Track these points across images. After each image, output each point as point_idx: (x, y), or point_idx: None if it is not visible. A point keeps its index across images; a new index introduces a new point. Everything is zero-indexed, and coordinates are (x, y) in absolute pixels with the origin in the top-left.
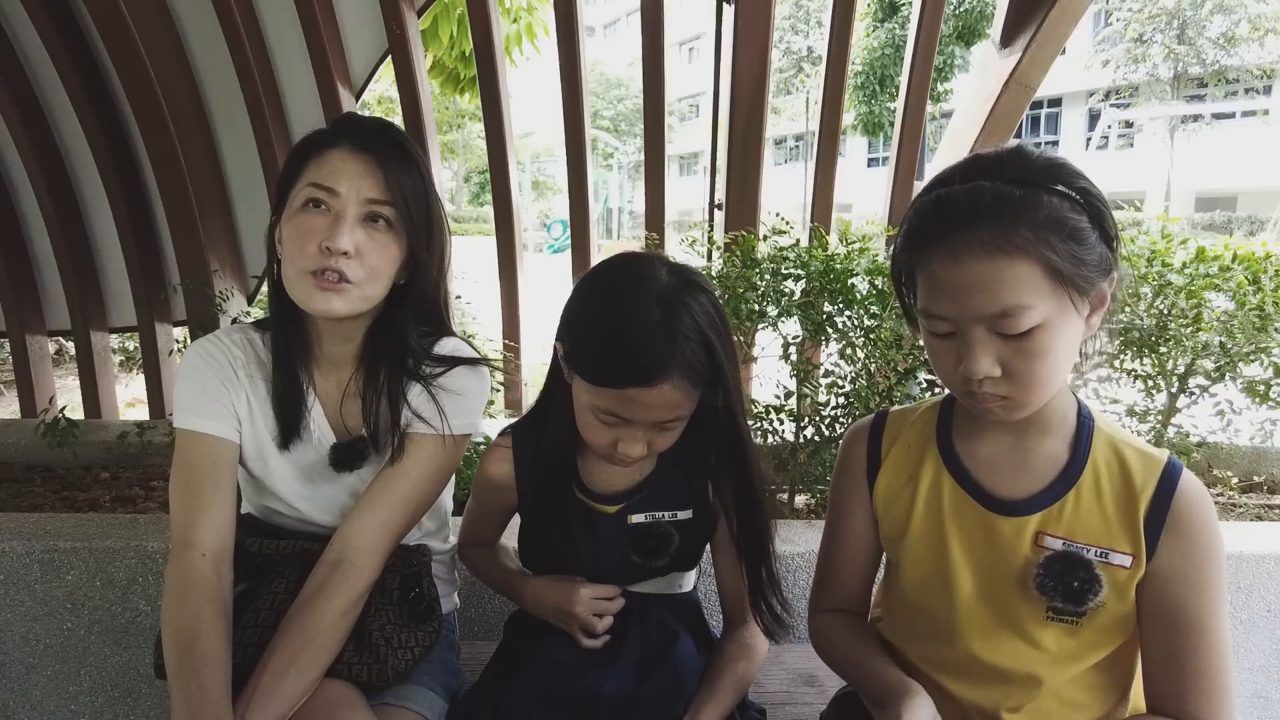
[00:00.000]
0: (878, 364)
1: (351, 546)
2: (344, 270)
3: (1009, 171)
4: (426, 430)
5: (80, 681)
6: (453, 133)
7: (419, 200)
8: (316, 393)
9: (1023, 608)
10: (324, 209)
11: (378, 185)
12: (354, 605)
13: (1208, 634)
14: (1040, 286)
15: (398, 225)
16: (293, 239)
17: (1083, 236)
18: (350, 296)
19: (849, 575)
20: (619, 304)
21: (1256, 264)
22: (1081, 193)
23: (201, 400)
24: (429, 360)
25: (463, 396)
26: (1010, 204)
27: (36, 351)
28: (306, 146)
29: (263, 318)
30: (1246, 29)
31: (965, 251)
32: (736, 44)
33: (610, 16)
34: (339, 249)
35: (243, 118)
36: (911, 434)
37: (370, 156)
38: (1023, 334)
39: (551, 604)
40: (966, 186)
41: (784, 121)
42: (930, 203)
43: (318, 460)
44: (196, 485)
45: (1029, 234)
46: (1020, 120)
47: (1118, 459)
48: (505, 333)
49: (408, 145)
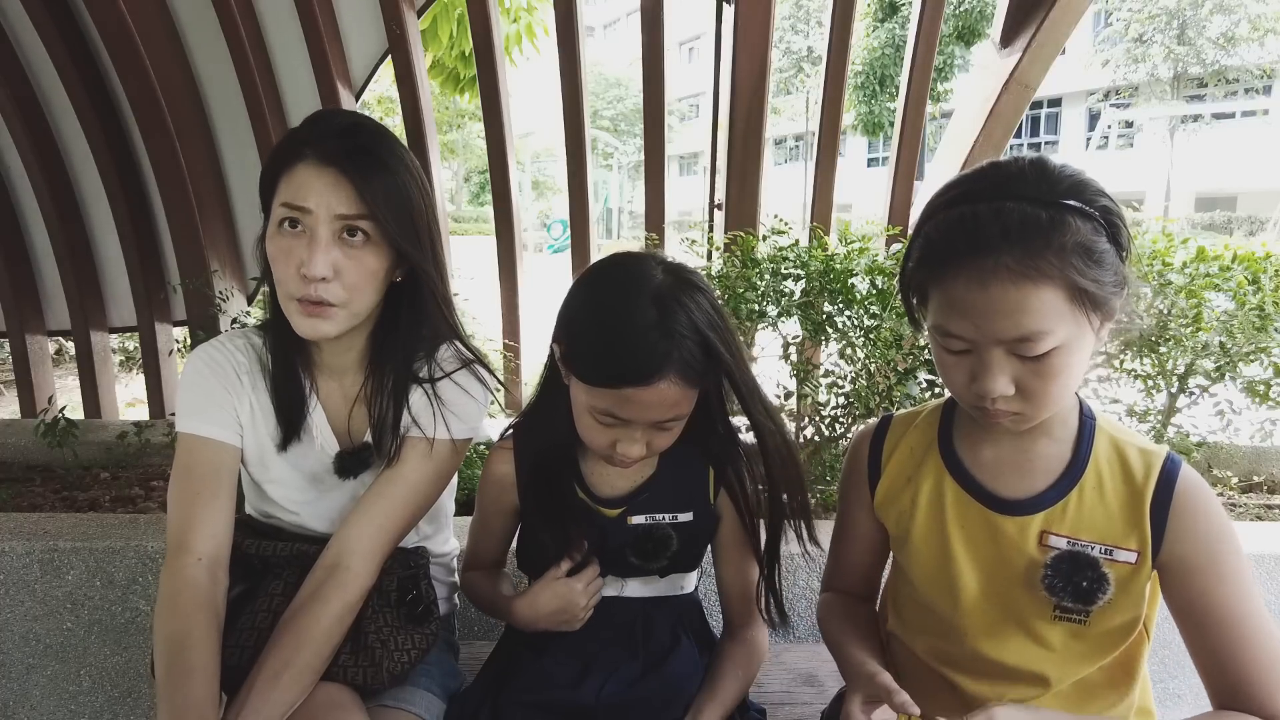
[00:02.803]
0: (878, 364)
1: (348, 551)
2: (324, 296)
3: (1033, 189)
4: (426, 434)
5: (80, 681)
6: (453, 133)
7: (398, 205)
8: (319, 399)
9: (1029, 606)
10: (299, 228)
11: (348, 199)
12: (349, 610)
13: (1246, 622)
14: (1062, 311)
15: (376, 235)
16: (276, 261)
17: (1104, 259)
18: (337, 318)
19: (855, 566)
20: (615, 304)
21: (1256, 264)
22: (1103, 211)
23: (204, 404)
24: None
25: (464, 401)
26: (1037, 228)
27: (36, 351)
28: (277, 160)
29: (265, 320)
30: (1246, 29)
31: (990, 276)
32: (736, 44)
33: (610, 16)
34: (315, 276)
35: (243, 118)
36: (914, 438)
37: (338, 168)
38: (1040, 355)
39: (548, 614)
40: (992, 207)
41: (784, 121)
42: (954, 220)
43: (321, 468)
44: (195, 490)
45: (1055, 260)
46: (1020, 120)
47: (1119, 456)
48: (505, 333)
49: (379, 147)
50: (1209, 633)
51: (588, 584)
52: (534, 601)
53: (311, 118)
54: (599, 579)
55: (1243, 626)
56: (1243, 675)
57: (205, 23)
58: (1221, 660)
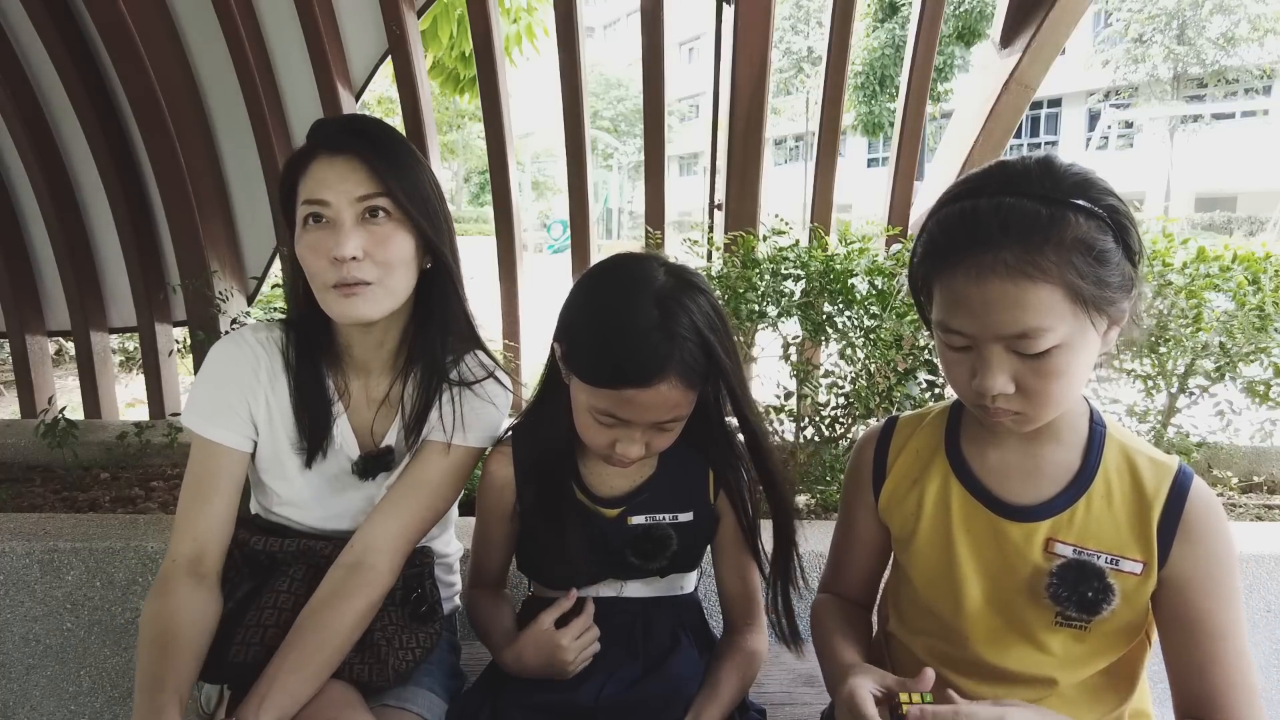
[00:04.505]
0: (878, 364)
1: (373, 550)
2: (359, 275)
3: (1036, 186)
4: (449, 439)
5: (80, 682)
6: (453, 133)
7: (411, 183)
8: (342, 401)
9: (1031, 614)
10: (324, 221)
11: (363, 180)
12: (372, 608)
13: (1229, 638)
14: (1061, 309)
15: (397, 212)
16: (306, 258)
17: (1107, 258)
18: (374, 296)
19: (855, 569)
20: (616, 304)
21: (1256, 264)
22: (1109, 210)
23: (216, 406)
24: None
25: (488, 410)
26: (1037, 224)
27: (36, 351)
28: (292, 169)
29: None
30: (1246, 29)
31: (989, 271)
32: (736, 44)
33: (610, 16)
34: (345, 256)
35: (243, 118)
36: (920, 440)
37: (347, 155)
38: (1040, 353)
39: (534, 668)
40: (993, 202)
41: (784, 121)
42: (955, 215)
43: (339, 469)
44: (196, 492)
45: (1054, 257)
46: (1020, 120)
47: (1129, 466)
48: (505, 333)
49: (385, 134)
50: (1193, 643)
51: (576, 637)
52: (520, 654)
53: (315, 125)
54: (592, 629)
55: (1226, 641)
56: (1214, 687)
57: (205, 23)
58: (1198, 671)
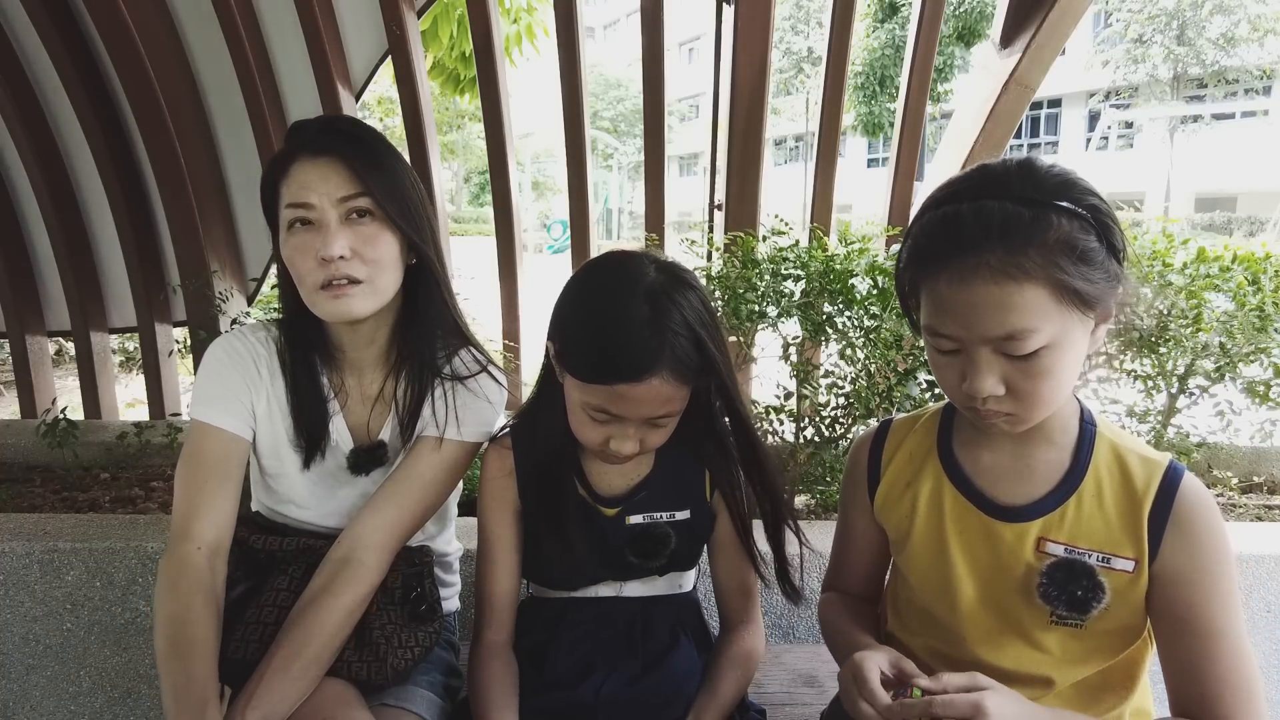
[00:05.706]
0: (878, 364)
1: (361, 545)
2: (348, 273)
3: (1018, 188)
4: (442, 434)
5: (80, 682)
6: (453, 133)
7: (390, 183)
8: (336, 397)
9: (1026, 613)
10: (309, 224)
11: (344, 181)
12: (360, 603)
13: (1225, 637)
14: (1048, 309)
15: (379, 212)
16: (294, 260)
17: (1091, 256)
18: (364, 294)
19: (857, 569)
20: (607, 301)
21: (1256, 264)
22: (1091, 210)
23: (220, 394)
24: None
25: (480, 405)
26: (1019, 226)
27: (36, 352)
28: (273, 171)
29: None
30: (1246, 29)
31: (972, 275)
32: (736, 44)
33: (610, 16)
34: (333, 255)
35: (243, 118)
36: (913, 442)
37: (328, 157)
38: (1028, 354)
39: None
40: (974, 206)
41: (784, 121)
42: (938, 220)
43: (334, 464)
44: (202, 478)
45: (1038, 258)
46: (1020, 120)
47: (1119, 463)
48: (505, 333)
49: (360, 131)
50: (1188, 642)
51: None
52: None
53: (293, 127)
54: None
55: (1221, 639)
56: (1211, 688)
57: (205, 23)
58: (1194, 670)
